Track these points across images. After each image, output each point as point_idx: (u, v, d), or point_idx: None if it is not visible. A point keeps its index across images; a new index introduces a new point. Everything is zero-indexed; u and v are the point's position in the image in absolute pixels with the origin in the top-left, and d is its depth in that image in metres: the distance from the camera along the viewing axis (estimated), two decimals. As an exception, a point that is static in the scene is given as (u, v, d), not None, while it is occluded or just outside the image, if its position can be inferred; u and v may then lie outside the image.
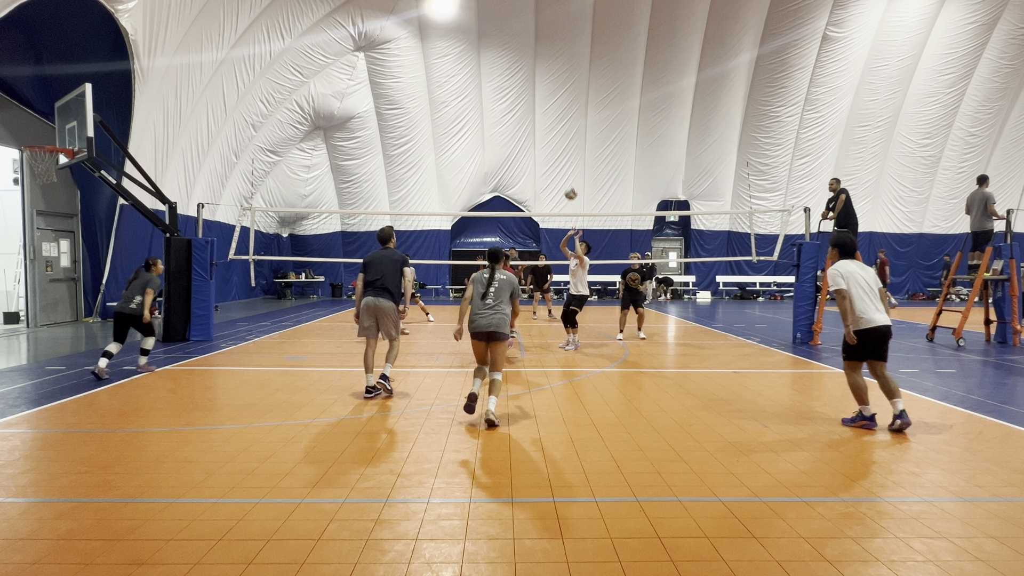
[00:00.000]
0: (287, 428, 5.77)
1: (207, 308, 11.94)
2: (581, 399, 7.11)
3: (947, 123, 25.45)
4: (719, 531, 3.64)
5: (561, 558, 3.31)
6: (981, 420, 6.25)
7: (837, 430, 5.82)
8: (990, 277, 11.86)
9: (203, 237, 12.28)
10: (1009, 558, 3.35)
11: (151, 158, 15.70)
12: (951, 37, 24.00)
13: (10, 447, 5.18)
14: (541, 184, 25.49)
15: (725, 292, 26.65)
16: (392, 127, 23.78)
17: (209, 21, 16.28)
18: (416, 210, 24.85)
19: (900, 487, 4.37)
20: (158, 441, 5.35)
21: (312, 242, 25.45)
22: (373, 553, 3.36)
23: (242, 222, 15.92)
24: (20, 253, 14.48)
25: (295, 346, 11.31)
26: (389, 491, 4.23)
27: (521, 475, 4.55)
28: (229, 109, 18.85)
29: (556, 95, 24.24)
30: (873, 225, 26.32)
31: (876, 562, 3.29)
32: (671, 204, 26.42)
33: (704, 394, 7.39)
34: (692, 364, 9.59)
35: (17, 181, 14.21)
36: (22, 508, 3.94)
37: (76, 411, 6.41)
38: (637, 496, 4.16)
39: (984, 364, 9.76)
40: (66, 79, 13.25)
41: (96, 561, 3.25)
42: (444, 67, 23.23)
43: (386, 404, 6.78)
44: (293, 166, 23.72)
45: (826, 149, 25.39)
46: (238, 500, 4.06)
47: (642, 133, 24.92)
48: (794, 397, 7.39)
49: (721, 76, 23.92)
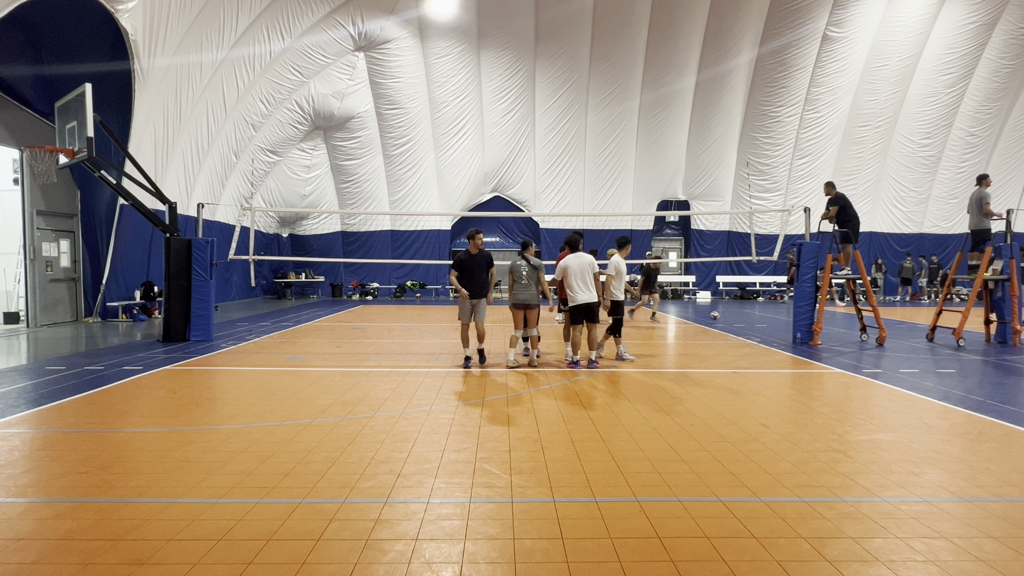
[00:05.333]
0: (287, 428, 5.77)
1: (207, 308, 11.93)
2: (581, 399, 7.11)
3: (947, 123, 25.46)
4: (719, 531, 3.64)
5: (561, 558, 3.31)
6: (981, 420, 6.25)
7: (837, 430, 5.83)
8: (990, 277, 11.86)
9: (203, 237, 12.27)
10: (1009, 558, 3.35)
11: (151, 158, 15.70)
12: (951, 37, 24.00)
13: (10, 447, 5.18)
14: (541, 184, 25.49)
15: (725, 292, 26.65)
16: (392, 127, 23.79)
17: (209, 21, 16.28)
18: (416, 210, 24.85)
19: (900, 487, 4.37)
20: (158, 441, 5.34)
21: (312, 242, 25.46)
22: (373, 553, 3.36)
23: (242, 222, 15.95)
24: (20, 253, 14.49)
25: (295, 346, 11.31)
26: (389, 491, 4.23)
27: (521, 475, 4.55)
28: (229, 109, 18.85)
29: (556, 95, 24.24)
30: (873, 225, 26.33)
31: (876, 562, 3.29)
32: (671, 204, 26.42)
33: (704, 394, 7.39)
34: (692, 364, 9.59)
35: (17, 181, 14.21)
36: (22, 508, 3.94)
37: (76, 411, 6.41)
38: (637, 496, 4.16)
39: (984, 364, 9.76)
40: (66, 79, 13.26)
41: (96, 561, 3.25)
42: (444, 67, 23.23)
43: (386, 404, 6.79)
44: (293, 166, 23.72)
45: (826, 149, 25.39)
46: (238, 500, 4.06)
47: (642, 133, 24.92)
48: (794, 397, 7.40)
49: (721, 76, 23.92)
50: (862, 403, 7.02)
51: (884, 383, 8.12)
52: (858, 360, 10.06)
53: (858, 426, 5.99)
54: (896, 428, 5.92)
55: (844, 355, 10.55)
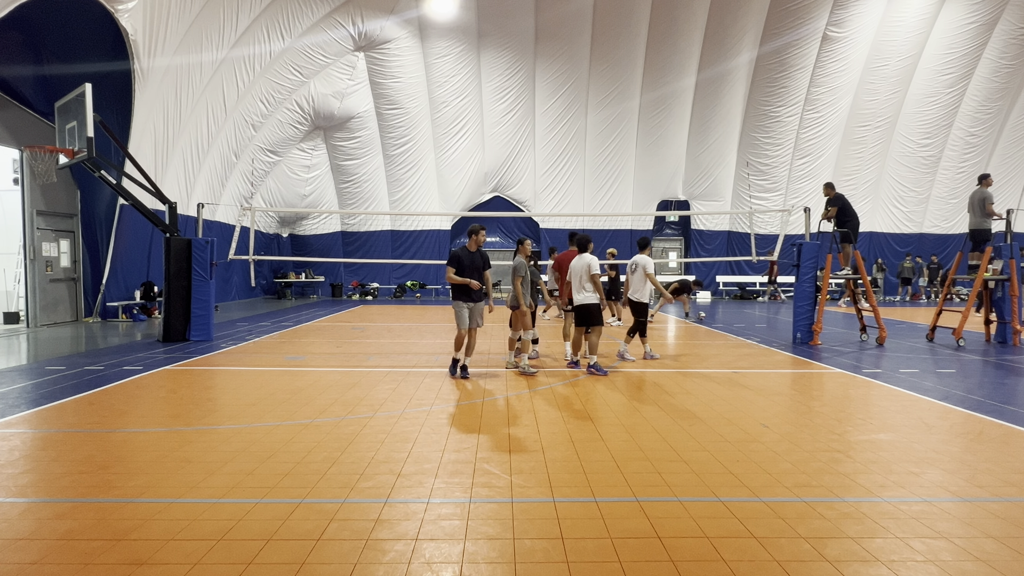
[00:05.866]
0: (287, 428, 5.77)
1: (207, 308, 11.93)
2: (581, 399, 7.11)
3: (947, 123, 25.46)
4: (719, 531, 3.64)
5: (561, 558, 3.31)
6: (981, 420, 6.25)
7: (837, 430, 5.83)
8: (990, 277, 11.86)
9: (203, 237, 12.28)
10: (1009, 558, 3.35)
11: (151, 158, 15.70)
12: (951, 37, 24.01)
13: (10, 447, 5.18)
14: (541, 184, 25.50)
15: (725, 292, 26.65)
16: (392, 127, 23.79)
17: (209, 21, 16.28)
18: (416, 210, 24.85)
19: (900, 487, 4.37)
20: (158, 441, 5.34)
21: (312, 242, 25.46)
22: (373, 553, 3.36)
23: (242, 222, 15.94)
24: (20, 253, 14.49)
25: (295, 346, 11.31)
26: (389, 491, 4.23)
27: (521, 475, 4.55)
28: (229, 109, 18.85)
29: (556, 95, 24.25)
30: (873, 225, 26.33)
31: (876, 562, 3.29)
32: (671, 204, 26.42)
33: (704, 394, 7.39)
34: (692, 364, 9.59)
35: (17, 181, 14.21)
36: (22, 508, 3.94)
37: (76, 411, 6.41)
38: (637, 496, 4.16)
39: (984, 364, 9.76)
40: (66, 79, 13.26)
41: (96, 561, 3.25)
42: (444, 67, 23.23)
43: (385, 404, 6.79)
44: (293, 166, 23.73)
45: (826, 149, 25.40)
46: (238, 500, 4.06)
47: (642, 133, 24.92)
48: (794, 397, 7.40)
49: (721, 76, 23.92)
50: (862, 403, 7.02)
51: (884, 383, 8.12)
52: (858, 360, 10.06)
53: (858, 426, 5.99)
54: (896, 428, 5.92)
55: (844, 355, 10.55)
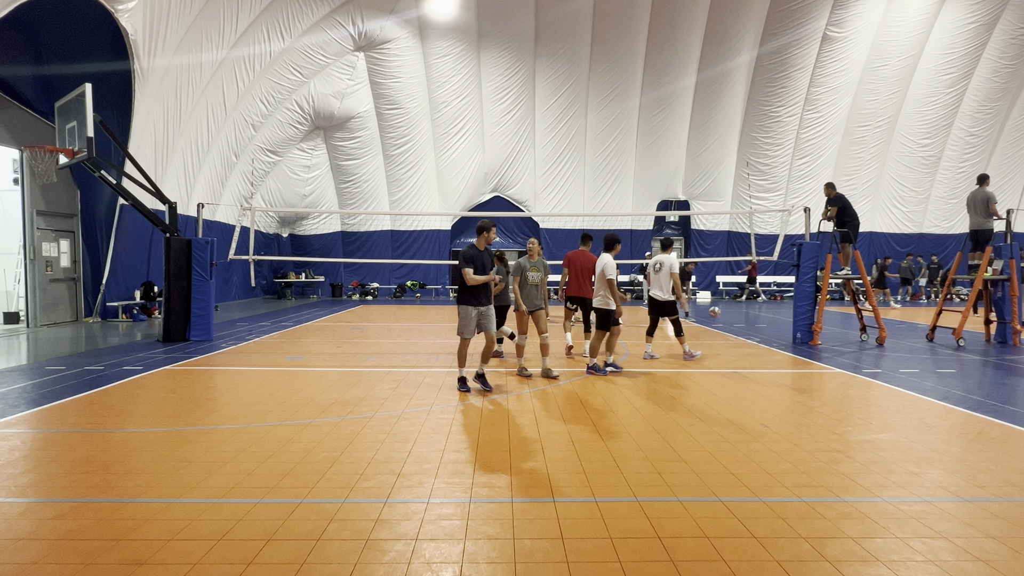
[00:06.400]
0: (287, 428, 5.77)
1: (207, 308, 11.93)
2: (581, 399, 7.11)
3: (947, 123, 25.46)
4: (719, 531, 3.64)
5: (561, 558, 3.31)
6: (981, 420, 6.25)
7: (837, 430, 5.83)
8: (990, 277, 11.86)
9: (203, 237, 12.28)
10: (1009, 558, 3.35)
11: (151, 158, 15.70)
12: (951, 37, 24.01)
13: (10, 447, 5.17)
14: (541, 184, 25.49)
15: (725, 292, 26.65)
16: (392, 127, 23.79)
17: (209, 21, 16.28)
18: (416, 210, 24.85)
19: (900, 487, 4.37)
20: (158, 441, 5.34)
21: (312, 242, 25.46)
22: (373, 553, 3.36)
23: (242, 222, 15.95)
24: (20, 253, 14.49)
25: (295, 346, 11.31)
26: (389, 491, 4.23)
27: (521, 475, 4.55)
28: (229, 109, 18.85)
29: (556, 95, 24.24)
30: (873, 225, 26.33)
31: (876, 562, 3.29)
32: (671, 204, 26.41)
33: (704, 394, 7.39)
34: (692, 364, 9.59)
35: (17, 181, 14.21)
36: (22, 508, 3.94)
37: (76, 411, 6.41)
38: (637, 496, 4.16)
39: (984, 364, 9.76)
40: (66, 79, 13.26)
41: (96, 561, 3.25)
42: (444, 67, 23.23)
43: (385, 404, 6.79)
44: (293, 166, 23.73)
45: (826, 149, 25.40)
46: (238, 500, 4.06)
47: (642, 133, 24.92)
48: (794, 397, 7.40)
49: (721, 76, 23.92)
50: (862, 403, 7.02)
51: (884, 383, 8.12)
52: (858, 360, 10.06)
53: (858, 426, 5.99)
54: (896, 428, 5.92)
55: (844, 355, 10.55)
